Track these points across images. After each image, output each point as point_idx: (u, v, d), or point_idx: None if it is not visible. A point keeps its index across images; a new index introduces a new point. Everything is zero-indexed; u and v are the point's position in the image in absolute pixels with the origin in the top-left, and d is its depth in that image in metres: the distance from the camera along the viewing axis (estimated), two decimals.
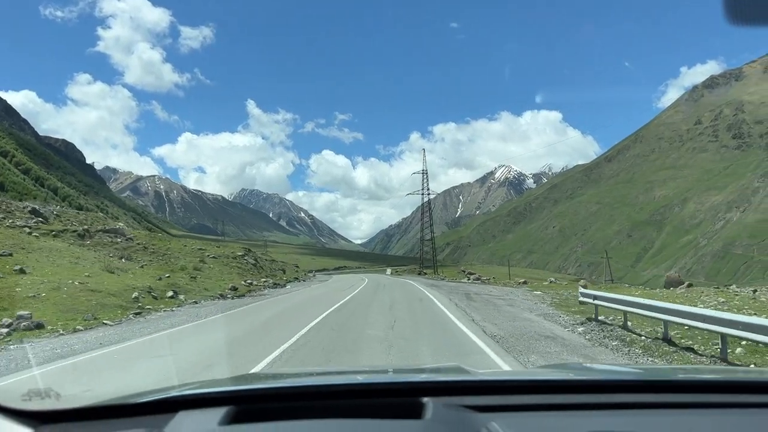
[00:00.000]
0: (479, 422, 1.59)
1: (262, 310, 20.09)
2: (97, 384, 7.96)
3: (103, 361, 9.81)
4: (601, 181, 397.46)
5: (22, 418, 1.66)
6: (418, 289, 35.34)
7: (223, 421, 1.66)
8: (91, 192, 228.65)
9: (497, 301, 23.46)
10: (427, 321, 16.20)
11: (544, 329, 14.18)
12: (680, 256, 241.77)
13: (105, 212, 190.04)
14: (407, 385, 2.09)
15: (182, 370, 8.67)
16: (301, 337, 12.46)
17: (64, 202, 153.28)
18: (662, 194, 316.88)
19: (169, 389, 1.95)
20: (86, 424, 1.71)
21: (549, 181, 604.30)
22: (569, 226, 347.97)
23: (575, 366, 3.90)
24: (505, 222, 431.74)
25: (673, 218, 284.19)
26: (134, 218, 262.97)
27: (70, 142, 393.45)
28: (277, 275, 52.06)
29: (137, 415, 1.75)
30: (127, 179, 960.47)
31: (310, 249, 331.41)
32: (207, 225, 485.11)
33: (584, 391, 1.94)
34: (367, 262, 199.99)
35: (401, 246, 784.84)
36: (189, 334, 13.62)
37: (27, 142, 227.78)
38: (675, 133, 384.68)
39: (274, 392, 2.01)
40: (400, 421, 1.63)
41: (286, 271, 62.32)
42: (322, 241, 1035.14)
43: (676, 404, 1.80)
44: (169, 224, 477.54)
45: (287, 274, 59.15)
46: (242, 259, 48.13)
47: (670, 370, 4.37)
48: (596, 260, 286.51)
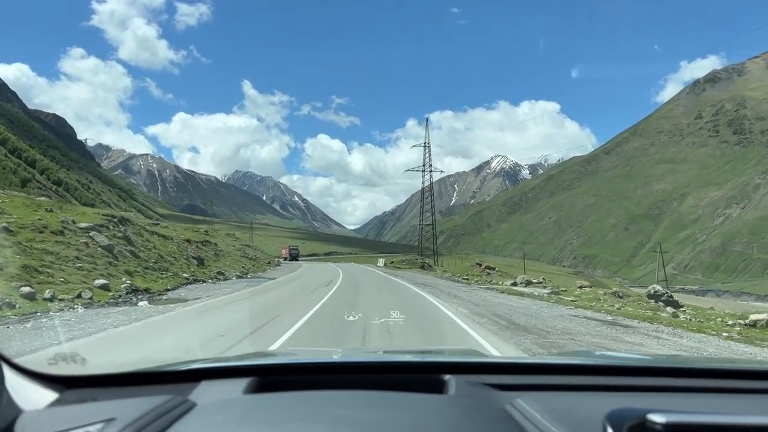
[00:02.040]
0: (503, 399, 1.61)
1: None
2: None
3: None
4: (598, 173, 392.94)
5: (47, 382, 1.68)
6: (446, 320, 14.63)
7: (247, 390, 1.70)
8: (75, 167, 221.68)
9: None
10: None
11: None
12: (677, 251, 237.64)
13: (87, 188, 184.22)
14: (430, 364, 2.10)
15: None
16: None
17: (42, 175, 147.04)
18: (660, 188, 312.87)
19: (193, 361, 2.00)
20: (111, 390, 1.73)
21: (546, 172, 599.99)
22: (565, 217, 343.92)
23: (592, 353, 3.95)
24: (500, 211, 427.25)
25: (671, 213, 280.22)
26: (119, 195, 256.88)
27: (61, 117, 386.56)
28: (174, 268, 28.15)
29: (162, 383, 1.79)
30: (120, 157, 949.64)
31: (302, 233, 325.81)
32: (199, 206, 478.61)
33: (602, 373, 1.97)
34: (360, 248, 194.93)
35: (395, 233, 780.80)
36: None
37: (10, 113, 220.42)
38: (675, 127, 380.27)
39: (296, 366, 2.03)
40: (426, 395, 1.64)
41: (221, 257, 42.13)
42: (315, 225, 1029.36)
43: (698, 388, 1.84)
44: (160, 203, 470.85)
45: (223, 263, 39.84)
46: (85, 235, 22.65)
47: (691, 359, 4.34)
48: (591, 252, 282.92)
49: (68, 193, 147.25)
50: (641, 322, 15.64)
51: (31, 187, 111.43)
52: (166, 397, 1.52)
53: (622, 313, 18.68)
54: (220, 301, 18.90)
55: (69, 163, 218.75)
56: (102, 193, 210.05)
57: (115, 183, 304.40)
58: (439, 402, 1.59)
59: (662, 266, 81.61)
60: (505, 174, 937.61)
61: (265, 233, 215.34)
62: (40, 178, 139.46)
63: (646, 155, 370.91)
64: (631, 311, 19.92)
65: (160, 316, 14.01)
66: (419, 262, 68.67)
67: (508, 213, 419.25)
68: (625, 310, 20.49)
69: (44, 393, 1.63)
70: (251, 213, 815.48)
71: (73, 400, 1.63)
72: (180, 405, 1.49)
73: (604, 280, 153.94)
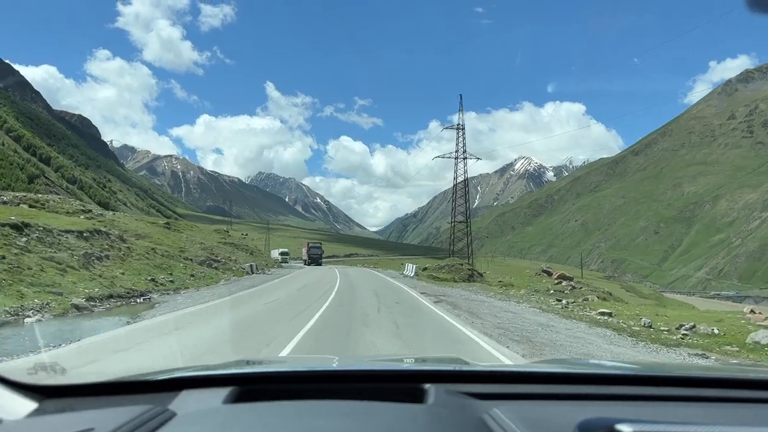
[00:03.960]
0: (481, 408, 1.61)
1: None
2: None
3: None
4: (626, 175, 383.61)
5: (27, 391, 1.66)
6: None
7: (227, 400, 1.68)
8: (93, 166, 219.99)
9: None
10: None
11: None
12: (711, 255, 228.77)
13: (103, 187, 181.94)
14: (410, 372, 2.11)
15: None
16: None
17: (57, 173, 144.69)
18: (692, 190, 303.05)
19: (175, 370, 1.97)
20: (91, 399, 1.71)
21: (572, 173, 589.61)
22: (592, 220, 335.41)
23: (573, 360, 3.94)
24: (525, 214, 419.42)
25: (703, 216, 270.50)
26: (137, 195, 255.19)
27: (85, 118, 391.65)
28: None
29: (142, 393, 1.77)
30: (145, 158, 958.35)
31: (323, 234, 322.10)
32: (222, 207, 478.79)
33: (581, 382, 1.98)
34: (381, 250, 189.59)
35: (416, 235, 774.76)
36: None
37: (31, 111, 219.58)
38: (706, 127, 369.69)
39: (277, 375, 2.02)
40: (404, 404, 1.64)
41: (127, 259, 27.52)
42: (337, 227, 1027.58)
43: (671, 397, 1.85)
44: (182, 204, 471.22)
45: (186, 271, 29.86)
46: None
47: (667, 366, 4.44)
48: (620, 256, 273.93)
49: (82, 191, 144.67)
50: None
51: (39, 184, 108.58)
52: (145, 407, 1.50)
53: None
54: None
55: (88, 161, 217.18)
56: (118, 192, 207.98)
57: (133, 182, 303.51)
58: (416, 411, 1.59)
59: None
60: (529, 176, 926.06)
61: (284, 234, 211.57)
62: (53, 175, 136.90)
63: (676, 156, 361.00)
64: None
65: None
66: (465, 270, 47.74)
67: (533, 215, 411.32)
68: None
69: (23, 403, 1.61)
70: (273, 214, 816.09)
71: (52, 410, 1.61)
72: (159, 415, 1.48)
73: (636, 286, 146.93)
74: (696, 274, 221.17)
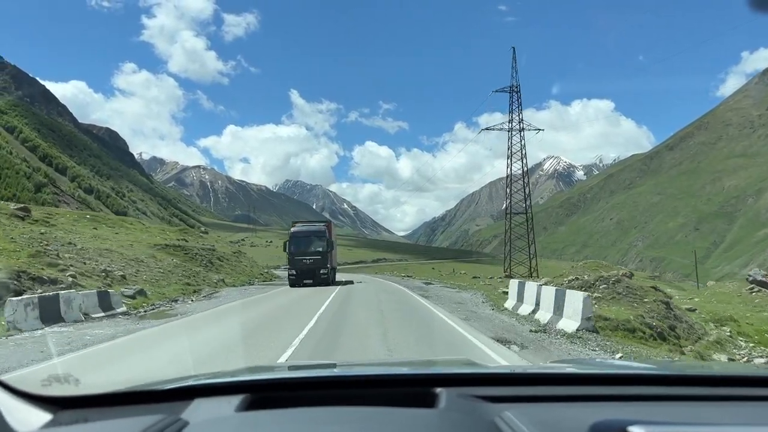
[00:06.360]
0: (492, 412, 1.61)
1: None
2: None
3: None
4: (661, 171, 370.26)
5: (41, 403, 1.67)
6: None
7: (239, 408, 1.68)
8: (116, 176, 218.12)
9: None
10: None
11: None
12: (757, 251, 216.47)
13: (122, 196, 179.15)
14: (421, 377, 2.10)
15: None
16: None
17: (73, 182, 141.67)
18: (732, 184, 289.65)
19: (186, 378, 1.97)
20: (105, 410, 1.71)
21: (604, 171, 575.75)
22: (628, 218, 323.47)
23: (586, 360, 3.87)
24: (557, 214, 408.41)
25: (746, 210, 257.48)
26: (161, 204, 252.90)
27: (113, 131, 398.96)
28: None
29: (155, 402, 1.77)
30: (173, 169, 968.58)
31: (350, 239, 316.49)
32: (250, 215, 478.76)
33: (594, 383, 1.96)
34: (410, 254, 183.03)
35: (445, 238, 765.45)
36: None
37: (52, 123, 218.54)
38: (744, 119, 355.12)
39: (289, 382, 2.02)
40: (415, 409, 1.64)
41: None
42: (364, 232, 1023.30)
43: (685, 396, 1.82)
44: (210, 213, 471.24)
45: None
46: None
47: (681, 365, 4.40)
48: (659, 255, 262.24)
49: (99, 200, 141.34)
50: None
51: (46, 193, 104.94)
52: (157, 417, 1.51)
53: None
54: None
55: (110, 172, 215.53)
56: (139, 201, 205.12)
57: (156, 192, 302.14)
58: (429, 416, 1.59)
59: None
60: (558, 175, 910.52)
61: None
62: (66, 184, 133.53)
63: (713, 150, 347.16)
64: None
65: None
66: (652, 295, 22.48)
67: (566, 215, 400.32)
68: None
69: (38, 414, 1.62)
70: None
71: (67, 422, 1.62)
72: (172, 425, 1.48)
73: (681, 285, 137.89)
74: (741, 271, 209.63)
